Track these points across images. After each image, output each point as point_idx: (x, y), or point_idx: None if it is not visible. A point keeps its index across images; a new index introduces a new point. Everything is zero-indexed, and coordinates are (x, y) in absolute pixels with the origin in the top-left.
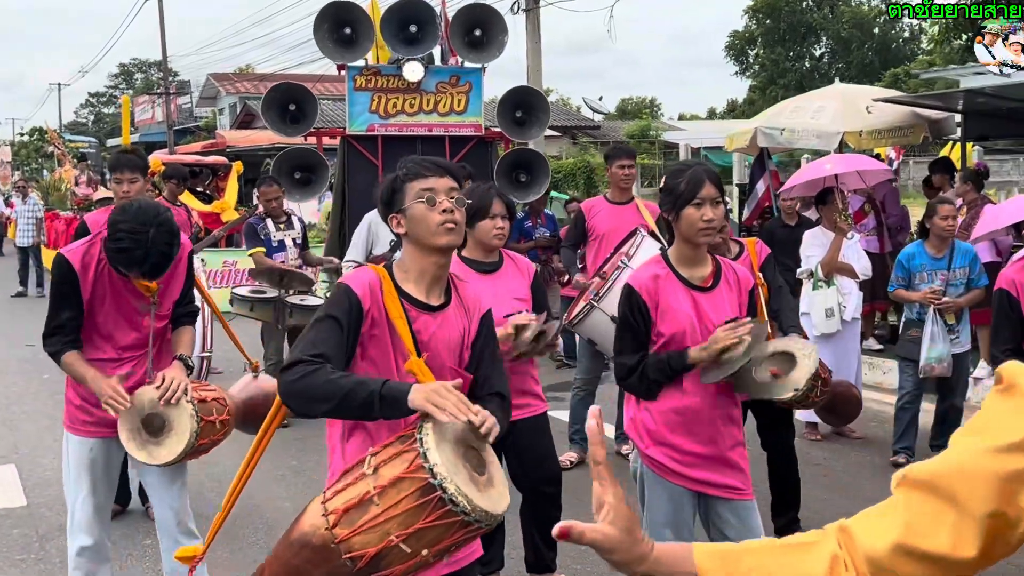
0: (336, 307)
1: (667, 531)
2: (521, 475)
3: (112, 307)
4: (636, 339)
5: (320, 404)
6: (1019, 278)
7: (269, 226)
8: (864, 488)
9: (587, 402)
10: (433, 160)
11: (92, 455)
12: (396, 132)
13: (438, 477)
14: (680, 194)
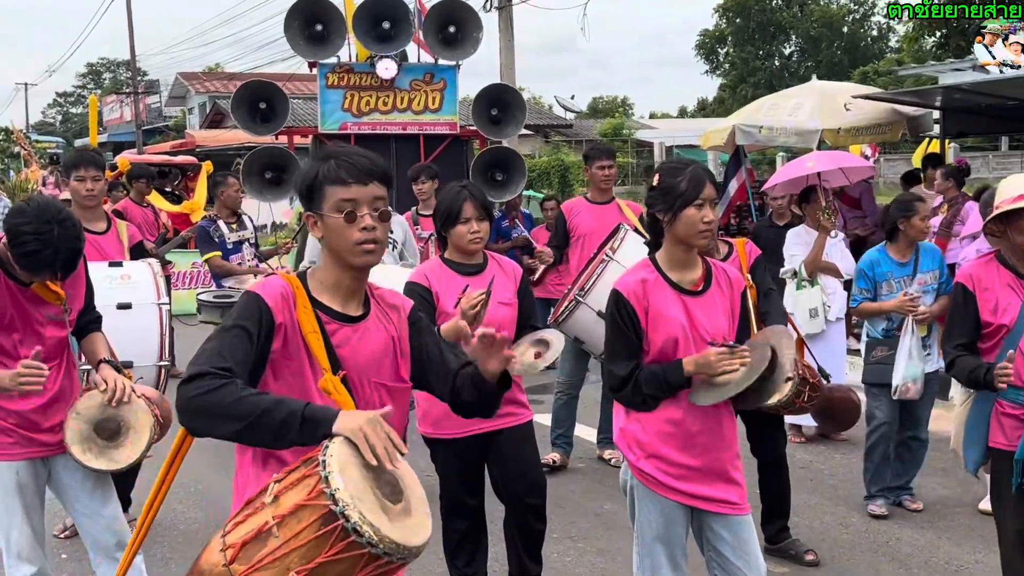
0: (245, 316)
1: (658, 546)
2: (504, 486)
3: (15, 320)
4: (627, 347)
5: (227, 424)
6: (977, 273)
7: (222, 228)
8: (852, 492)
9: (570, 406)
10: (357, 163)
11: (19, 479)
12: (370, 131)
13: (340, 503)
14: (680, 194)
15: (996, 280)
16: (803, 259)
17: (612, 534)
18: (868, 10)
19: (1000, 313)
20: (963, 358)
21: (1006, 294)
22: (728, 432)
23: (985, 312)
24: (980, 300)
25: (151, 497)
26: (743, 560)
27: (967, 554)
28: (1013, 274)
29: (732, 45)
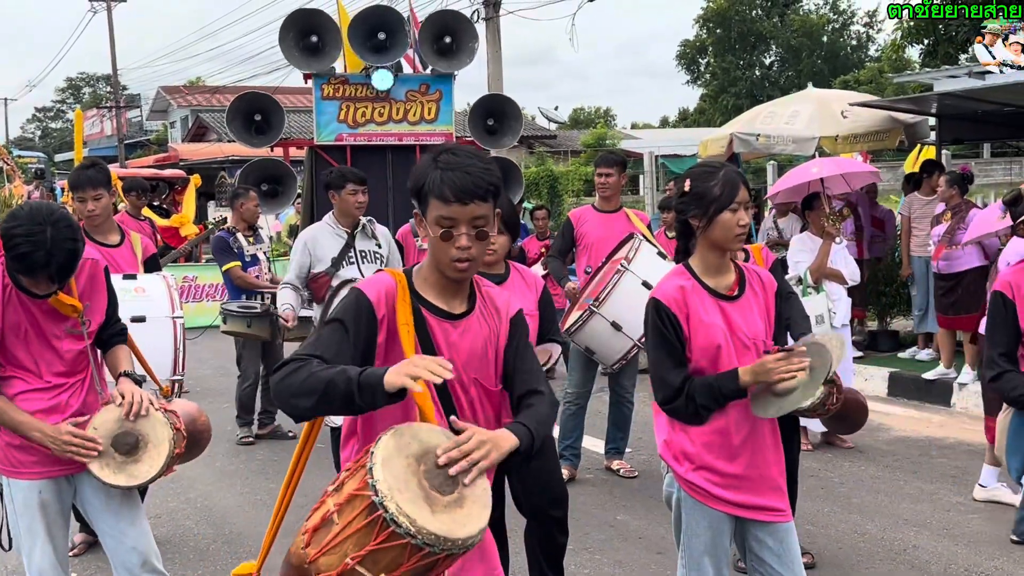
0: (344, 311)
1: (706, 559)
2: (525, 499)
3: (31, 337)
4: (674, 356)
5: (303, 399)
6: (1016, 281)
7: (240, 240)
8: (865, 500)
9: (578, 417)
10: (459, 181)
11: (42, 497)
12: (365, 142)
13: (379, 494)
14: (715, 198)
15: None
16: (808, 266)
17: (627, 545)
18: (847, 20)
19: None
20: (1010, 375)
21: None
22: (771, 439)
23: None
24: (1020, 308)
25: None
26: (788, 568)
27: (986, 560)
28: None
29: (713, 55)
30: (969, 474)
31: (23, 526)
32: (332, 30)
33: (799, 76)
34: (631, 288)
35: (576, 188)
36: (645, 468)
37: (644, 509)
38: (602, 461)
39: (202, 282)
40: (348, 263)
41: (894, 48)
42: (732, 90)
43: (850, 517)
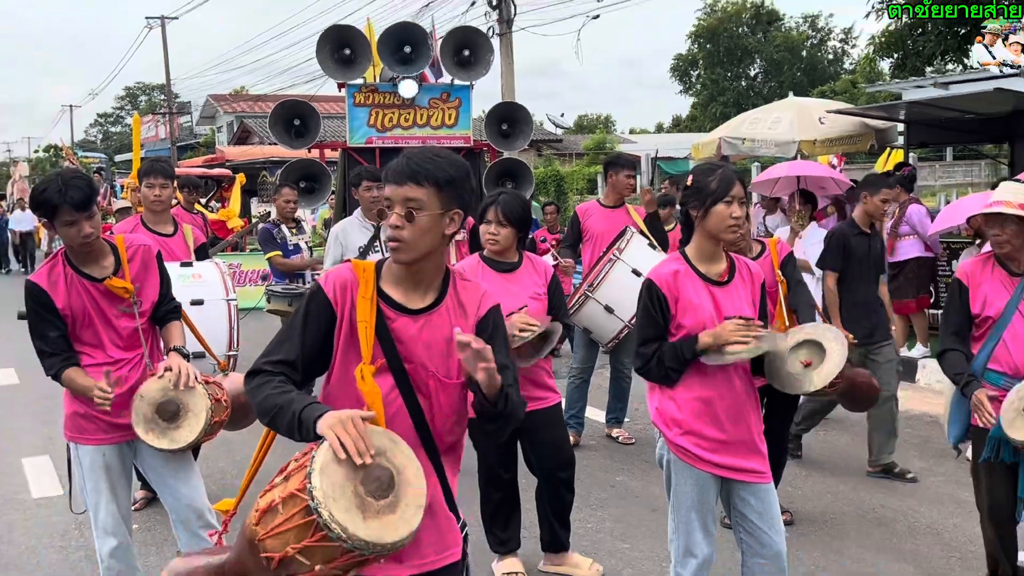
0: (307, 304)
1: (693, 514)
2: (536, 462)
3: (93, 317)
4: (656, 331)
5: (262, 416)
6: (972, 270)
7: (284, 231)
8: (838, 465)
9: (582, 389)
10: (397, 164)
11: (106, 460)
12: (392, 144)
13: (315, 500)
14: (712, 192)
15: (990, 277)
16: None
17: (625, 503)
18: (825, 36)
19: (988, 306)
20: (954, 354)
21: (996, 291)
22: (752, 409)
23: (975, 305)
24: (972, 295)
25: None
26: (767, 524)
27: (945, 518)
28: (1006, 272)
29: (703, 67)
30: (931, 442)
31: (89, 486)
32: (363, 44)
33: (781, 86)
34: (622, 275)
35: (580, 186)
36: (641, 435)
37: (640, 471)
38: (603, 429)
39: (246, 268)
40: (374, 252)
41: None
42: (720, 99)
43: (825, 480)
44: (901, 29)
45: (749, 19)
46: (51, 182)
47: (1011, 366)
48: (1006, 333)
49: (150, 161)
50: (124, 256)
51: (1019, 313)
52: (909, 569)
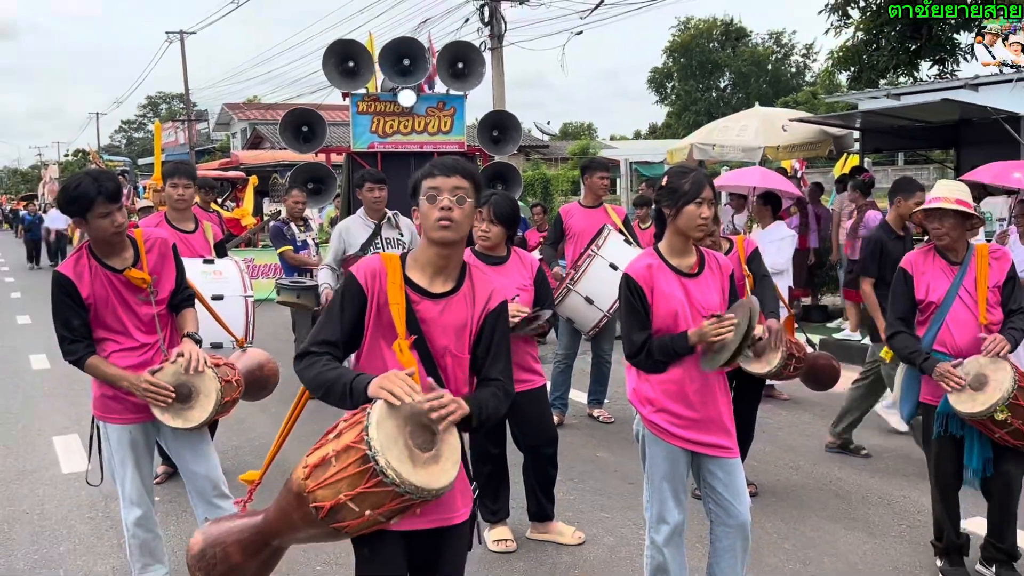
0: (343, 292)
1: (665, 484)
2: (523, 439)
3: (115, 305)
4: (640, 320)
5: (315, 391)
6: (917, 260)
7: (293, 229)
8: (798, 443)
9: (566, 373)
10: (447, 161)
11: (132, 437)
12: (393, 149)
13: (373, 449)
14: (684, 193)
15: (932, 266)
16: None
17: (605, 476)
18: (788, 51)
19: (931, 293)
20: (902, 335)
21: (938, 278)
22: (719, 390)
23: (919, 292)
24: (916, 282)
25: (278, 437)
26: (734, 495)
27: (896, 490)
28: (947, 262)
29: (678, 80)
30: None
31: (116, 460)
32: (365, 57)
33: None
34: (600, 269)
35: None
36: (620, 415)
37: (619, 448)
38: (585, 410)
39: (259, 263)
40: (375, 248)
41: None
42: (693, 108)
43: (786, 455)
44: (857, 45)
45: (719, 35)
46: (83, 178)
47: (954, 347)
48: (948, 317)
49: (174, 164)
50: (143, 248)
51: (959, 299)
52: (863, 536)
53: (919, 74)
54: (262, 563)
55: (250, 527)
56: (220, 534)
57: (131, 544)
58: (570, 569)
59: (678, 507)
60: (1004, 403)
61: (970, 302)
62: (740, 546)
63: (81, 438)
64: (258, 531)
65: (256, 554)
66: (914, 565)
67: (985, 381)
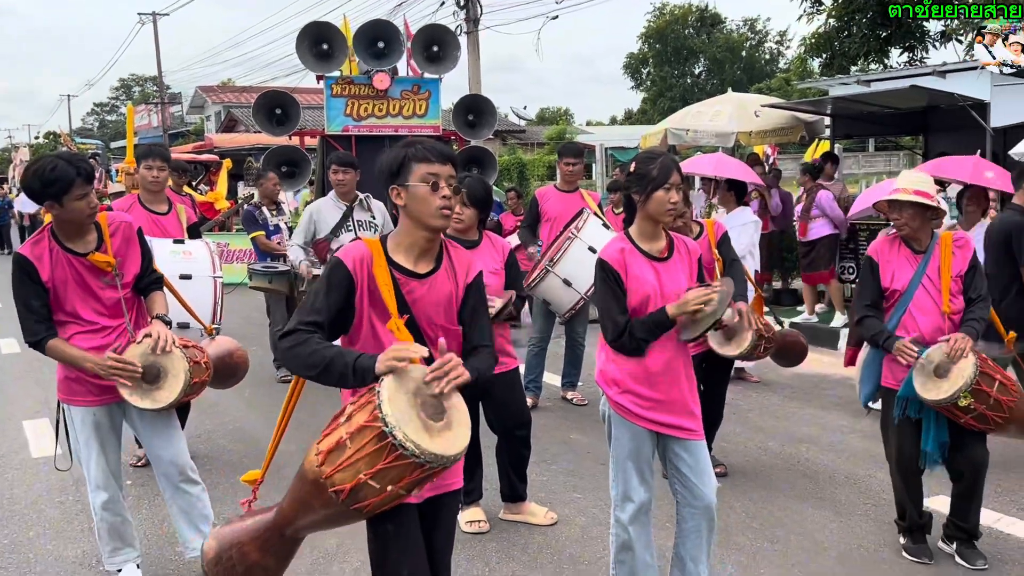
0: (329, 276)
1: (630, 463)
2: (496, 422)
3: (76, 289)
4: (618, 302)
5: (308, 371)
6: (882, 248)
7: (266, 213)
8: (768, 424)
9: (540, 356)
10: (439, 147)
11: (96, 419)
12: (367, 132)
13: (389, 425)
14: (653, 179)
15: (897, 254)
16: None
17: (578, 458)
18: (762, 38)
19: (895, 281)
20: (870, 319)
21: (903, 267)
22: (685, 373)
23: (885, 280)
24: (882, 270)
25: (276, 433)
26: (698, 476)
27: (862, 470)
28: (911, 250)
29: (653, 66)
30: (851, 403)
31: (82, 442)
32: (340, 40)
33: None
34: (579, 252)
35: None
36: (593, 398)
37: (592, 430)
38: (559, 392)
39: (232, 247)
40: (346, 230)
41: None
42: (668, 94)
43: (756, 436)
44: (829, 32)
45: (694, 22)
46: (56, 161)
47: (917, 333)
48: (912, 304)
49: (148, 146)
50: (107, 232)
51: (922, 287)
52: (829, 515)
53: (889, 61)
54: (281, 557)
55: (264, 523)
56: (234, 536)
57: (100, 528)
58: (542, 549)
59: (643, 486)
60: (966, 390)
61: (933, 290)
62: (706, 527)
63: (51, 422)
64: (273, 525)
65: (274, 549)
66: (879, 543)
67: (949, 369)
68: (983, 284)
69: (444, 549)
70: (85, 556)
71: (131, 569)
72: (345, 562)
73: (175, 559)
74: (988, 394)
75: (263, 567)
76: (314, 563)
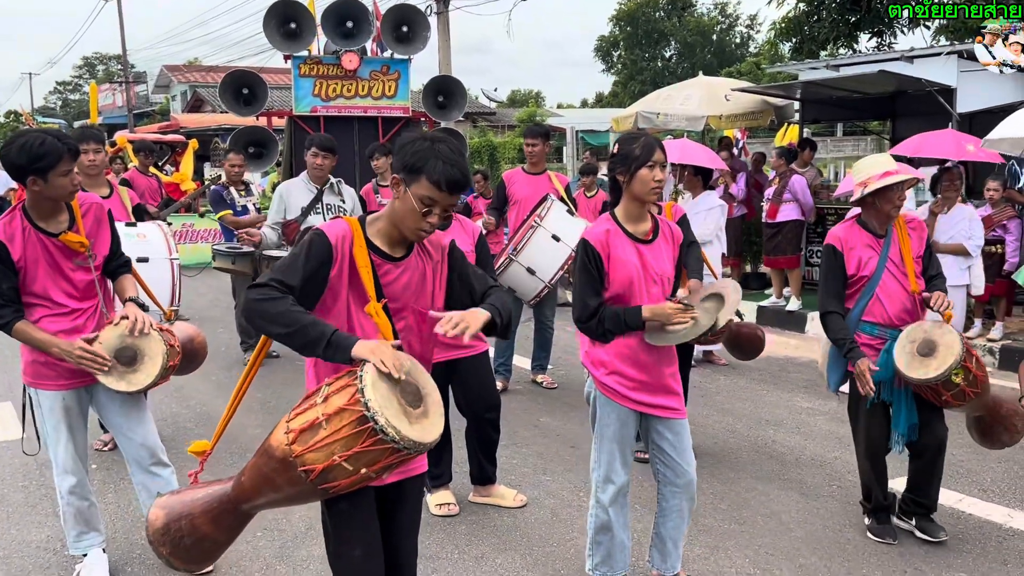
0: (307, 245)
1: (614, 445)
2: (466, 405)
3: (47, 269)
4: (593, 285)
5: (275, 327)
6: (844, 236)
7: (233, 193)
8: (735, 407)
9: (510, 339)
10: (456, 176)
11: (65, 404)
12: (336, 113)
13: (371, 410)
14: (636, 157)
15: (859, 240)
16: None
17: (547, 441)
18: (733, 22)
19: (862, 267)
20: (834, 316)
21: (867, 252)
22: (669, 356)
23: (851, 267)
24: (847, 258)
25: (229, 406)
26: (681, 455)
27: (828, 452)
28: (871, 235)
29: (624, 49)
30: (817, 386)
31: (49, 427)
32: (308, 18)
33: (693, 67)
34: (543, 240)
35: (511, 156)
36: (563, 381)
37: (561, 413)
38: (529, 375)
39: (198, 227)
40: (315, 213)
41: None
42: (639, 78)
43: (724, 419)
44: (799, 16)
45: (665, 4)
46: (42, 136)
47: (884, 317)
48: (879, 289)
49: (81, 129)
50: (78, 213)
51: (887, 270)
52: (795, 496)
53: (858, 46)
54: (231, 531)
55: (217, 496)
56: (184, 507)
57: (66, 512)
58: (511, 531)
59: (624, 468)
60: (958, 365)
61: (898, 273)
62: (687, 506)
63: (14, 406)
64: (228, 499)
65: (226, 523)
66: (844, 524)
67: (934, 346)
68: (939, 263)
69: (410, 530)
70: (49, 541)
71: (96, 553)
72: (315, 545)
73: (141, 542)
74: (969, 369)
75: (212, 540)
76: (283, 546)
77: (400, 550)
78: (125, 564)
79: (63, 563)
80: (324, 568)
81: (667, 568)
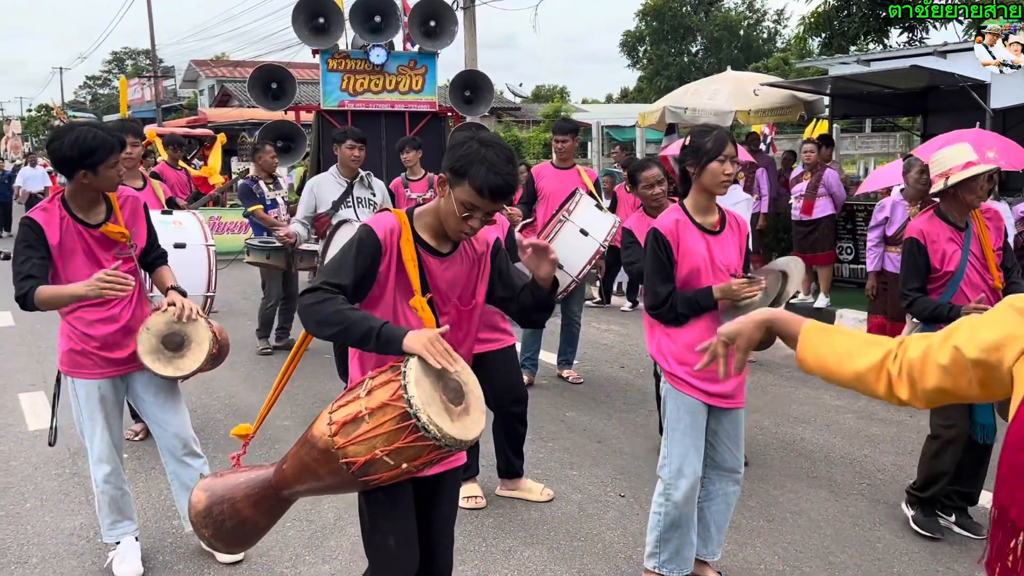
0: (357, 242)
1: (687, 437)
2: (492, 398)
3: (84, 260)
4: (663, 273)
5: (326, 328)
6: (926, 228)
7: (262, 187)
8: (762, 402)
9: (537, 334)
10: (501, 185)
11: (101, 393)
12: (363, 107)
13: (414, 407)
14: (707, 151)
15: (941, 234)
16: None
17: (574, 436)
18: (760, 17)
19: (947, 262)
20: (920, 299)
21: (950, 246)
22: None
23: (934, 261)
24: (930, 252)
25: (272, 393)
26: (734, 443)
27: (857, 450)
28: (952, 227)
29: (650, 44)
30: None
31: (85, 416)
32: (336, 13)
33: (720, 63)
34: (571, 234)
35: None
36: (589, 376)
37: (587, 408)
38: (555, 370)
39: (225, 220)
40: (346, 206)
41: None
42: (665, 73)
43: (752, 416)
44: (828, 11)
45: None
46: (93, 130)
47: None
48: (963, 283)
49: (120, 121)
50: (116, 204)
51: (969, 263)
52: (824, 494)
53: (889, 41)
54: (272, 516)
55: (260, 481)
56: (227, 490)
57: (100, 500)
58: (539, 525)
59: (698, 459)
60: None
61: (979, 266)
62: (732, 491)
63: (47, 396)
64: (270, 484)
65: (268, 507)
66: (874, 522)
67: None
68: (1013, 255)
69: (448, 520)
70: (83, 528)
71: (129, 541)
72: (343, 536)
73: (172, 532)
74: None
75: (253, 523)
76: (312, 536)
77: (437, 541)
78: (156, 552)
79: (96, 550)
80: (353, 558)
81: (707, 553)
